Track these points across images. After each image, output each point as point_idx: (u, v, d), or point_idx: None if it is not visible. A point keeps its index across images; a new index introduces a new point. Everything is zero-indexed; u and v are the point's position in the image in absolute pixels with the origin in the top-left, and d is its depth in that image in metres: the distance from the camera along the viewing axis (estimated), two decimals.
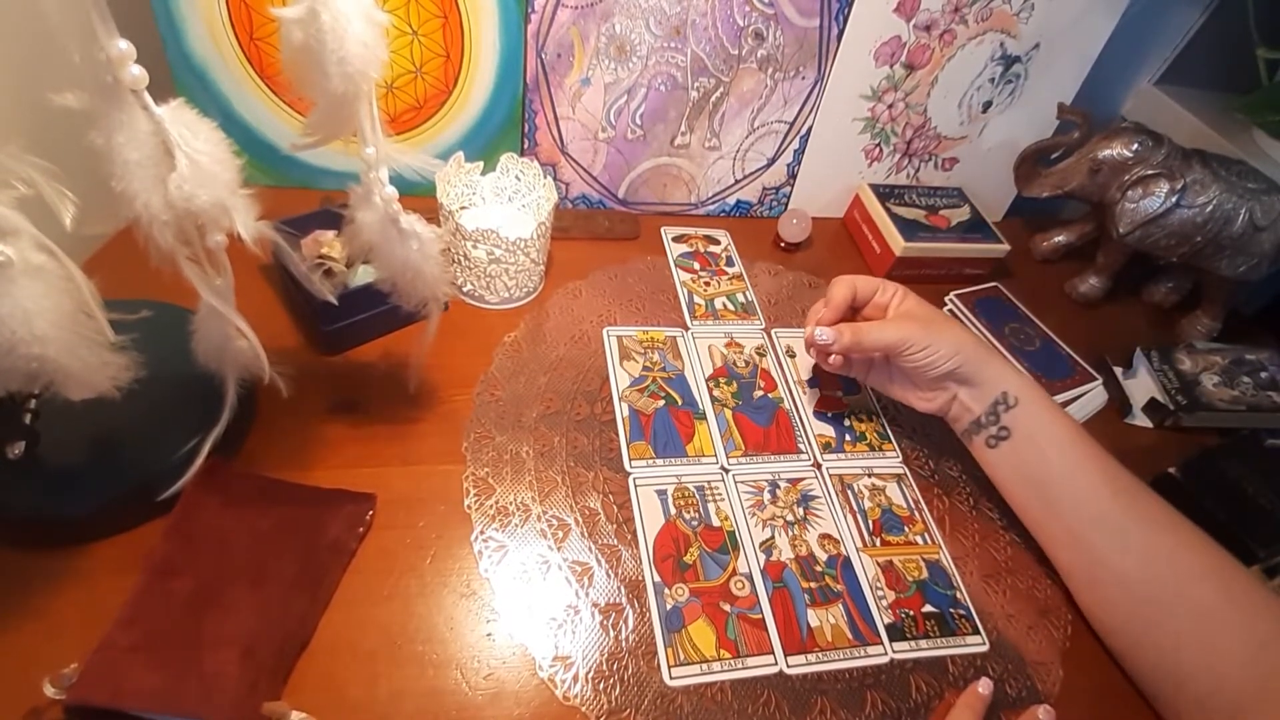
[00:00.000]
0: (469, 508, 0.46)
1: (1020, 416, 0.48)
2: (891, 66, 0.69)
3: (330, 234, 0.54)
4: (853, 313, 0.54)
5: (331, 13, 0.31)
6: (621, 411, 0.54)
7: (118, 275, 0.35)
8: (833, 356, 0.53)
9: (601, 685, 0.40)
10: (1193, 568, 0.43)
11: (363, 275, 0.54)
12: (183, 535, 0.40)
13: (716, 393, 0.57)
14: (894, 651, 0.44)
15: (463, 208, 0.63)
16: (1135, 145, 0.66)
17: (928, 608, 0.47)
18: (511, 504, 0.47)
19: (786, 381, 0.60)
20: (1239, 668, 0.40)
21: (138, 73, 0.28)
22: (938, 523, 0.52)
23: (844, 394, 0.59)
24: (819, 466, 0.54)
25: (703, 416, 0.55)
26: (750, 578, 0.46)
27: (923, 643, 0.45)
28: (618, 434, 0.52)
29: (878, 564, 0.48)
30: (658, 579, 0.45)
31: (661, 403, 0.55)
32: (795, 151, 0.73)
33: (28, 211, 0.31)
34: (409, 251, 0.41)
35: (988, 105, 0.74)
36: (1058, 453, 0.47)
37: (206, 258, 0.35)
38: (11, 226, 0.30)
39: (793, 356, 0.62)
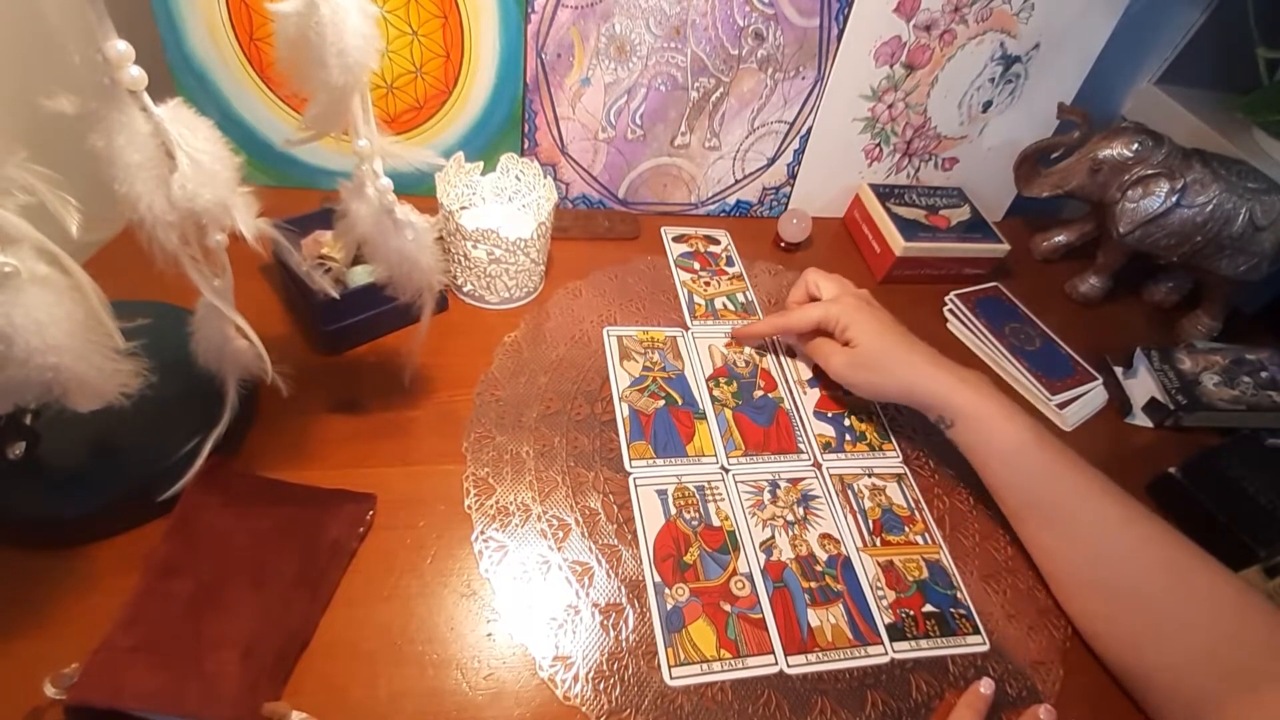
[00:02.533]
0: (469, 508, 0.46)
1: (959, 433, 0.50)
2: (891, 66, 0.69)
3: (330, 234, 0.54)
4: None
5: (330, 6, 0.31)
6: (622, 411, 0.54)
7: (115, 278, 0.35)
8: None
9: (602, 685, 0.40)
10: (1146, 566, 0.43)
11: (362, 275, 0.54)
12: (183, 536, 0.40)
13: (716, 393, 0.57)
14: (894, 651, 0.44)
15: (463, 208, 0.63)
16: (1135, 145, 0.66)
17: (928, 607, 0.47)
18: (512, 504, 0.47)
19: (786, 381, 0.60)
20: (1199, 664, 0.40)
21: (136, 74, 0.28)
22: (938, 522, 0.52)
23: (844, 393, 0.59)
24: (819, 466, 0.54)
25: (703, 416, 0.55)
26: (750, 577, 0.46)
27: (923, 642, 0.45)
28: (618, 434, 0.52)
29: (878, 564, 0.48)
30: (658, 579, 0.45)
31: (662, 403, 0.55)
32: (795, 151, 0.73)
33: (31, 220, 0.30)
34: (404, 242, 0.41)
35: (988, 105, 0.74)
36: (999, 463, 0.49)
37: (205, 257, 0.35)
38: (17, 235, 0.30)
39: (793, 356, 0.62)
